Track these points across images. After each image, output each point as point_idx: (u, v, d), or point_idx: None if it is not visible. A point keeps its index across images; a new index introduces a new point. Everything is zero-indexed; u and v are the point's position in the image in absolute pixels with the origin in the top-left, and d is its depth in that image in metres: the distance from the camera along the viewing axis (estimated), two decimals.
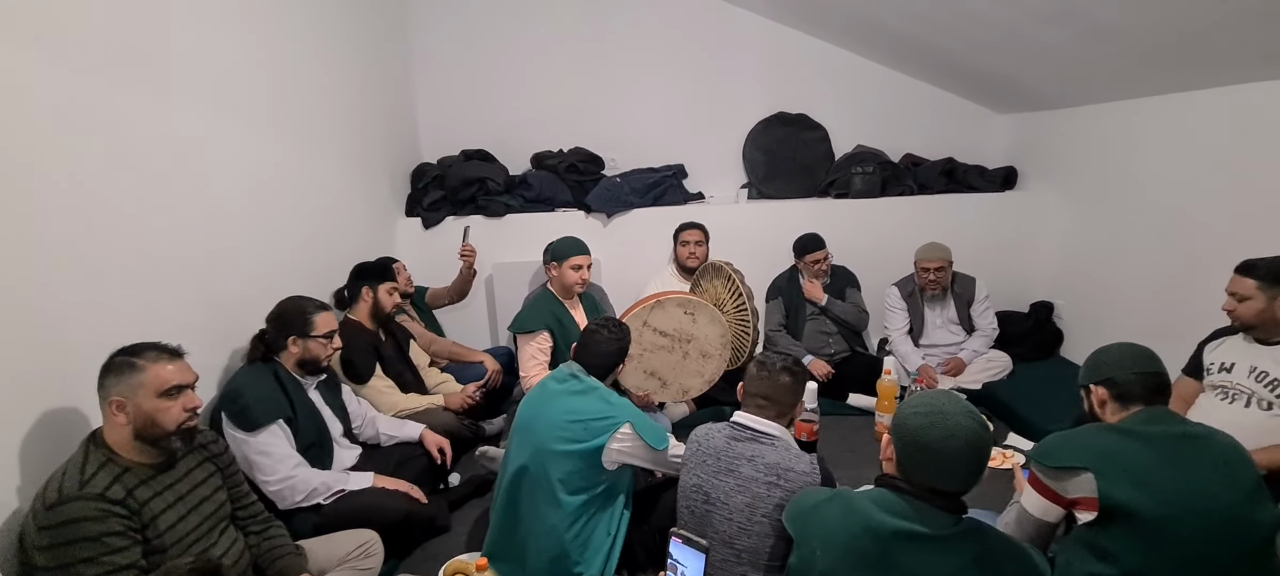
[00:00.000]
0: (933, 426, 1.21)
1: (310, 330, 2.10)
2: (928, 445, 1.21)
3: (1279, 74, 2.25)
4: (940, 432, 1.20)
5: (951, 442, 1.19)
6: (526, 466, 1.83)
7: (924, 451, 1.21)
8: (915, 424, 1.23)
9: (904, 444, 1.25)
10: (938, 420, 1.21)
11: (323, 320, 2.13)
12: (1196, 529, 1.30)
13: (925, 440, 1.21)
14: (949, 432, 1.19)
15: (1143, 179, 2.94)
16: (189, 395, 1.47)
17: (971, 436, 1.20)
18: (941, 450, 1.20)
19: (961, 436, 1.19)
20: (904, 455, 1.25)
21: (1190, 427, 1.41)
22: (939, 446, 1.20)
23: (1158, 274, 2.86)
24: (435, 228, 3.69)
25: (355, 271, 2.69)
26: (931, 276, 3.21)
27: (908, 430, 1.24)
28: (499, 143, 3.91)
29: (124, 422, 1.39)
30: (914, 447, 1.23)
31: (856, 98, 3.98)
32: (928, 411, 1.23)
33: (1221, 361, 2.07)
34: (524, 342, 2.61)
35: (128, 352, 1.43)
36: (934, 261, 3.20)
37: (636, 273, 3.51)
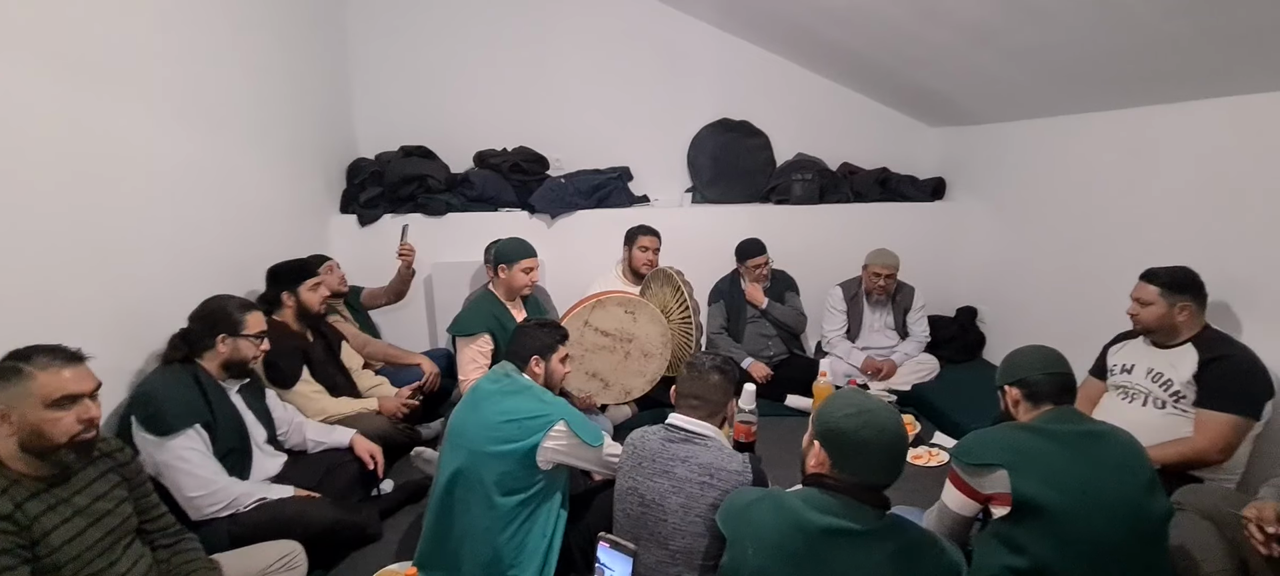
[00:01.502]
0: (865, 426, 1.26)
1: (242, 328, 2.01)
2: (863, 442, 1.26)
3: (1171, 98, 2.44)
4: (872, 431, 1.26)
5: (883, 437, 1.26)
6: (460, 470, 1.78)
7: (859, 449, 1.26)
8: (848, 425, 1.28)
9: (836, 444, 1.29)
10: (869, 419, 1.27)
11: (254, 319, 2.06)
12: (1098, 520, 1.38)
13: (859, 438, 1.26)
14: (880, 429, 1.26)
15: (1056, 192, 3.13)
16: (85, 405, 1.35)
17: (899, 431, 1.28)
18: (874, 446, 1.25)
19: (891, 432, 1.26)
20: (836, 454, 1.30)
21: (1093, 426, 1.50)
22: (872, 442, 1.25)
23: (1068, 281, 3.05)
24: (372, 225, 3.56)
25: (270, 275, 2.54)
26: (881, 282, 3.32)
27: (840, 431, 1.28)
28: (440, 140, 3.81)
29: (9, 433, 1.28)
30: (848, 446, 1.28)
31: (797, 107, 4.08)
32: (857, 411, 1.28)
33: (1123, 363, 2.22)
34: (463, 345, 2.55)
35: (17, 356, 1.31)
36: (885, 268, 3.31)
37: (581, 274, 3.49)
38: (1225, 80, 2.18)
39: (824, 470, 1.33)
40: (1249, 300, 2.18)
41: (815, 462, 1.35)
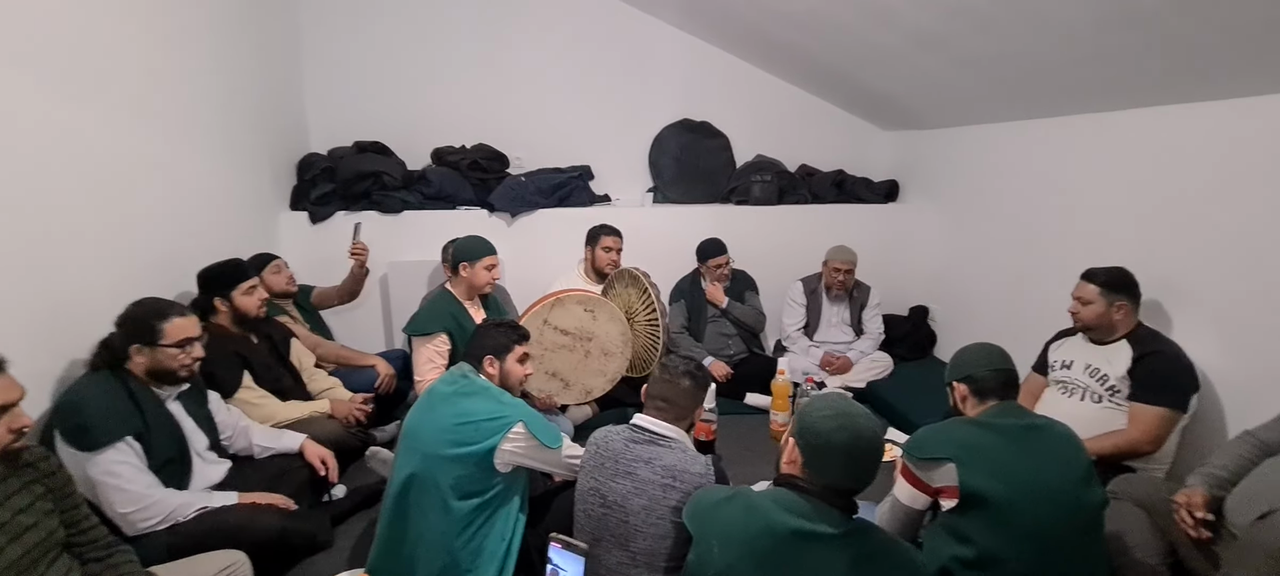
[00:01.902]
0: (842, 429, 1.27)
1: (159, 338, 1.83)
2: (839, 447, 1.26)
3: (1105, 107, 2.56)
4: (847, 435, 1.26)
5: (857, 444, 1.26)
6: (414, 475, 1.74)
7: (835, 453, 1.27)
8: (826, 427, 1.28)
9: (813, 446, 1.29)
10: (846, 422, 1.27)
11: (175, 327, 1.86)
12: (1040, 510, 1.44)
13: (837, 442, 1.26)
14: (856, 435, 1.27)
15: (1001, 195, 3.26)
16: (15, 414, 1.28)
17: (874, 440, 1.29)
18: (850, 451, 1.26)
19: (866, 439, 1.27)
20: (812, 456, 1.30)
21: (1034, 420, 1.56)
22: (849, 447, 1.26)
23: (1013, 280, 3.18)
24: (324, 223, 3.46)
25: (199, 279, 2.39)
26: (840, 277, 3.40)
27: (818, 432, 1.28)
28: (396, 136, 3.73)
29: None
30: (825, 449, 1.28)
31: (757, 109, 4.13)
32: (836, 414, 1.29)
33: (1063, 359, 2.32)
34: (419, 345, 2.49)
35: None
36: (845, 263, 3.39)
37: (541, 273, 3.45)
38: (1154, 91, 2.30)
39: (795, 470, 1.34)
40: (1178, 299, 2.30)
41: (788, 461, 1.36)
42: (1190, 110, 2.24)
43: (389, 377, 2.86)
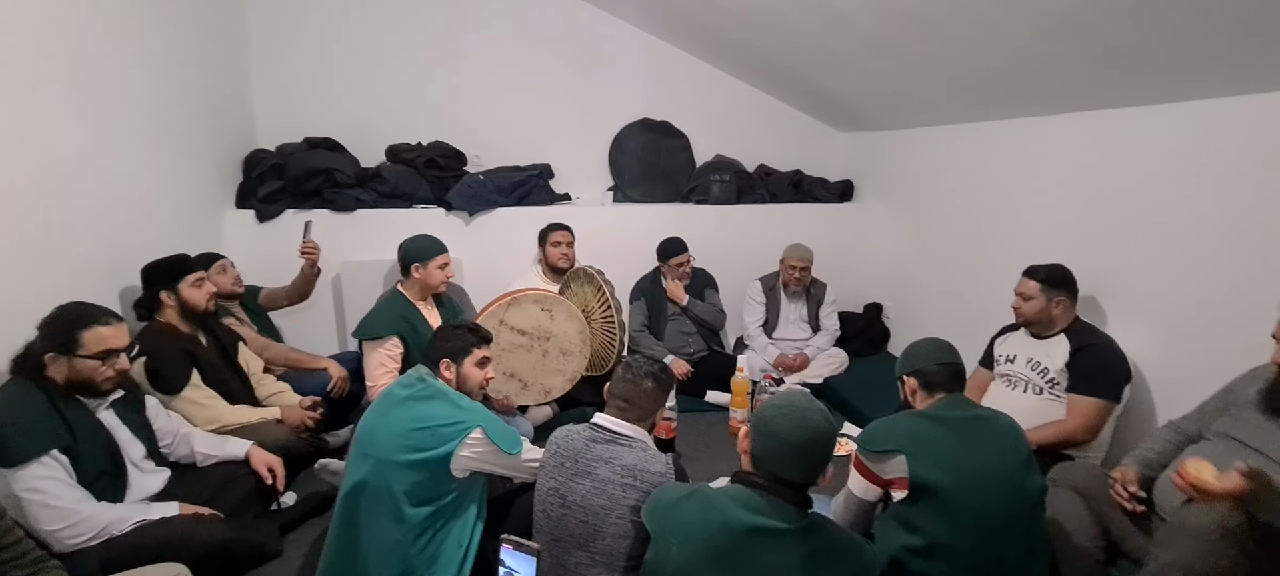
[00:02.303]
0: (783, 416, 1.31)
1: (76, 347, 1.71)
2: (776, 433, 1.30)
3: (1051, 110, 2.66)
4: (788, 422, 1.30)
5: (798, 433, 1.29)
6: (366, 481, 1.70)
7: (773, 438, 1.30)
8: (770, 414, 1.32)
9: (761, 435, 1.33)
10: (790, 411, 1.31)
11: (96, 336, 1.73)
12: (984, 498, 1.49)
13: (774, 428, 1.30)
14: (798, 424, 1.29)
15: (950, 195, 3.36)
16: None
17: (818, 432, 1.31)
18: (788, 439, 1.29)
19: (809, 428, 1.29)
20: (758, 445, 1.34)
21: (979, 411, 1.62)
22: (786, 434, 1.29)
23: (961, 277, 3.29)
24: (273, 221, 3.34)
25: (143, 275, 2.30)
26: (796, 274, 3.46)
27: (764, 420, 1.33)
28: (349, 132, 3.63)
29: None
30: (766, 435, 1.31)
31: (717, 109, 4.17)
32: (783, 404, 1.33)
33: (1007, 354, 2.41)
34: (370, 349, 2.42)
35: None
36: (800, 260, 3.46)
37: (501, 273, 3.42)
38: (1088, 96, 2.41)
39: (747, 460, 1.37)
40: (1112, 294, 2.42)
41: (743, 449, 1.39)
42: (1122, 115, 2.36)
43: (342, 380, 2.79)
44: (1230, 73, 1.89)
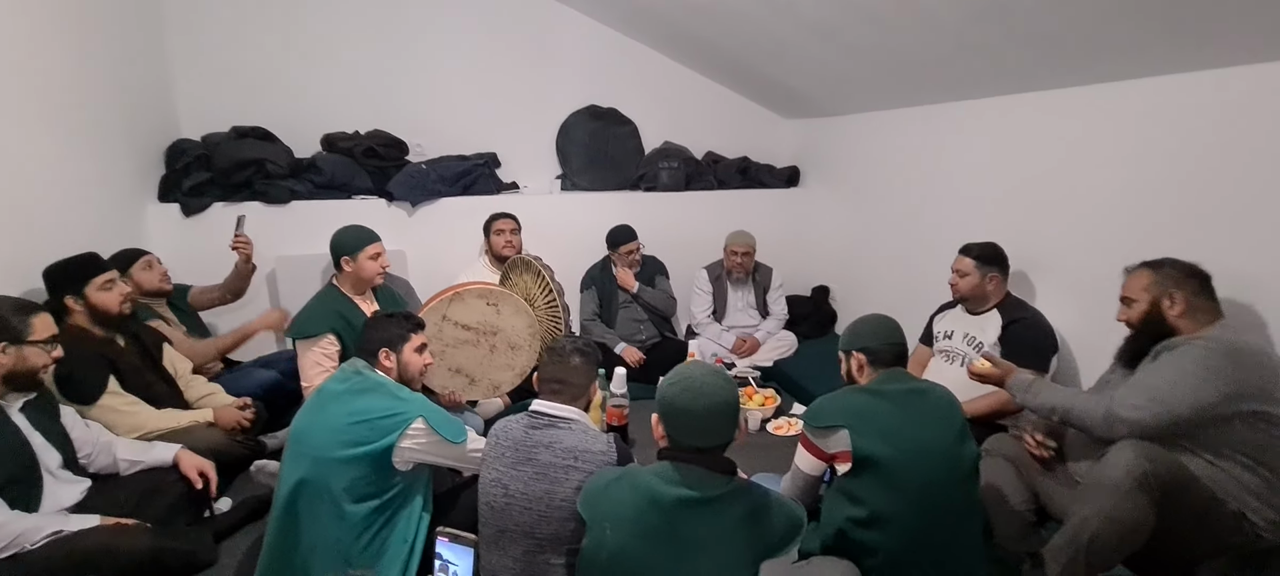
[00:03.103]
0: (684, 392, 1.34)
1: (27, 334, 1.72)
2: (684, 408, 1.33)
3: (979, 94, 2.76)
4: (690, 395, 1.34)
5: (700, 401, 1.33)
6: (304, 480, 1.63)
7: (683, 414, 1.34)
8: (671, 393, 1.37)
9: (667, 414, 1.37)
10: (689, 385, 1.35)
11: (42, 322, 1.79)
12: (923, 468, 1.54)
13: (680, 405, 1.34)
14: (697, 393, 1.34)
15: (890, 179, 3.46)
16: None
17: (718, 393, 1.35)
18: (694, 410, 1.32)
19: (708, 394, 1.33)
20: (669, 424, 1.38)
21: (918, 384, 1.67)
22: (691, 406, 1.33)
23: (901, 258, 3.39)
24: (200, 215, 3.17)
25: (47, 279, 2.14)
26: (738, 259, 3.49)
27: (666, 400, 1.37)
28: (280, 121, 3.46)
29: None
30: (675, 414, 1.35)
31: (664, 96, 4.16)
32: (679, 380, 1.38)
33: (945, 330, 2.50)
34: (304, 349, 2.30)
35: None
36: (742, 246, 3.49)
37: (447, 265, 3.34)
38: (1018, 79, 2.51)
39: (665, 442, 1.40)
40: (1041, 270, 2.53)
41: (659, 436, 1.42)
42: (1048, 97, 2.46)
43: (282, 315, 2.68)
44: (1147, 55, 1.99)
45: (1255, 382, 1.53)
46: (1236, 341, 1.61)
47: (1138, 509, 1.47)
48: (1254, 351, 1.59)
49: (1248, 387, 1.53)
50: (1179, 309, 1.71)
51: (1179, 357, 1.61)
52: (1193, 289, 1.71)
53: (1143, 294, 1.78)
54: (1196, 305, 1.70)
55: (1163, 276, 1.76)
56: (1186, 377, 1.56)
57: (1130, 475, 1.47)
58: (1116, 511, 1.48)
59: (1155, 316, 1.75)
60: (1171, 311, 1.72)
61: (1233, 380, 1.53)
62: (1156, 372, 1.64)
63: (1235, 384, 1.53)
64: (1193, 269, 1.75)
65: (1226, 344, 1.59)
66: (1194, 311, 1.70)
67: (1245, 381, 1.53)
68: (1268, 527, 1.53)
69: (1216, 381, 1.53)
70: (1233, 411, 1.53)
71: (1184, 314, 1.71)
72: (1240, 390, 1.53)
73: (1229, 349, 1.58)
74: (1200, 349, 1.60)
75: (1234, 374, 1.53)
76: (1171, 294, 1.72)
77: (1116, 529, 1.48)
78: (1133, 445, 1.52)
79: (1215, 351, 1.57)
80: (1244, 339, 1.65)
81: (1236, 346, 1.58)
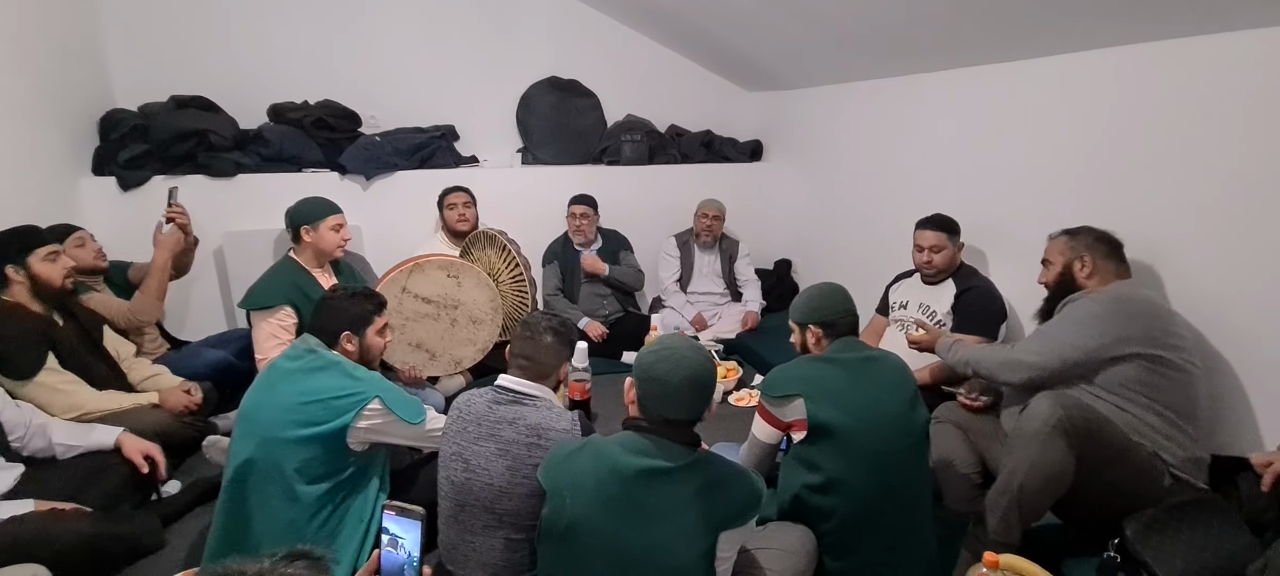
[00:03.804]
0: (663, 360, 1.33)
1: None
2: (661, 378, 1.32)
3: (944, 66, 2.78)
4: (669, 365, 1.32)
5: (678, 372, 1.31)
6: (253, 461, 1.59)
7: (659, 383, 1.32)
8: (648, 360, 1.35)
9: (641, 379, 1.35)
10: (667, 354, 1.34)
11: None
12: (876, 434, 1.58)
13: (657, 373, 1.32)
14: (676, 364, 1.32)
15: (849, 152, 3.50)
16: None
17: (697, 367, 1.33)
18: (671, 381, 1.31)
19: (687, 366, 1.32)
20: (642, 391, 1.36)
21: (870, 352, 1.70)
22: (669, 377, 1.31)
23: (862, 230, 3.44)
24: (138, 189, 3.02)
25: None
26: (708, 222, 3.53)
27: (644, 367, 1.35)
28: (223, 90, 3.30)
29: None
30: (651, 383, 1.33)
31: (626, 68, 4.10)
32: (660, 348, 1.36)
33: (901, 300, 2.55)
34: (260, 320, 2.24)
35: None
36: (712, 210, 3.53)
37: (403, 240, 3.26)
38: (974, 52, 2.54)
39: (634, 409, 1.39)
40: (992, 240, 2.59)
41: (629, 401, 1.41)
42: (1001, 69, 2.50)
43: (176, 239, 2.58)
44: (1100, 27, 2.02)
45: (1139, 328, 1.70)
46: (1124, 293, 1.79)
47: (1058, 453, 1.58)
48: (1140, 301, 1.77)
49: (1130, 332, 1.69)
50: (1088, 270, 1.88)
51: (1073, 309, 1.82)
52: (1102, 253, 1.88)
53: (1058, 257, 1.96)
54: (1104, 267, 1.87)
55: (1076, 242, 1.93)
56: (1076, 325, 1.77)
57: (1047, 422, 1.58)
58: (1040, 458, 1.59)
59: (1068, 277, 1.92)
60: (1082, 273, 1.89)
61: (1116, 326, 1.71)
62: (1054, 323, 1.86)
63: (1118, 330, 1.70)
64: (1104, 235, 1.91)
65: (1113, 295, 1.79)
66: (1102, 272, 1.87)
67: (1127, 327, 1.70)
68: (1181, 465, 1.66)
69: (1101, 327, 1.72)
70: (1121, 354, 1.69)
71: (1093, 274, 1.88)
72: (1124, 335, 1.69)
73: (1115, 299, 1.77)
74: (1090, 300, 1.80)
75: (1117, 321, 1.71)
76: (1083, 257, 1.89)
77: (1041, 475, 1.60)
78: (1048, 396, 1.64)
79: (1102, 301, 1.77)
80: (1138, 293, 1.81)
81: (1122, 297, 1.77)
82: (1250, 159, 1.79)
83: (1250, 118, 1.78)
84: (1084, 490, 1.62)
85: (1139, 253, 2.01)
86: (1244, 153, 1.80)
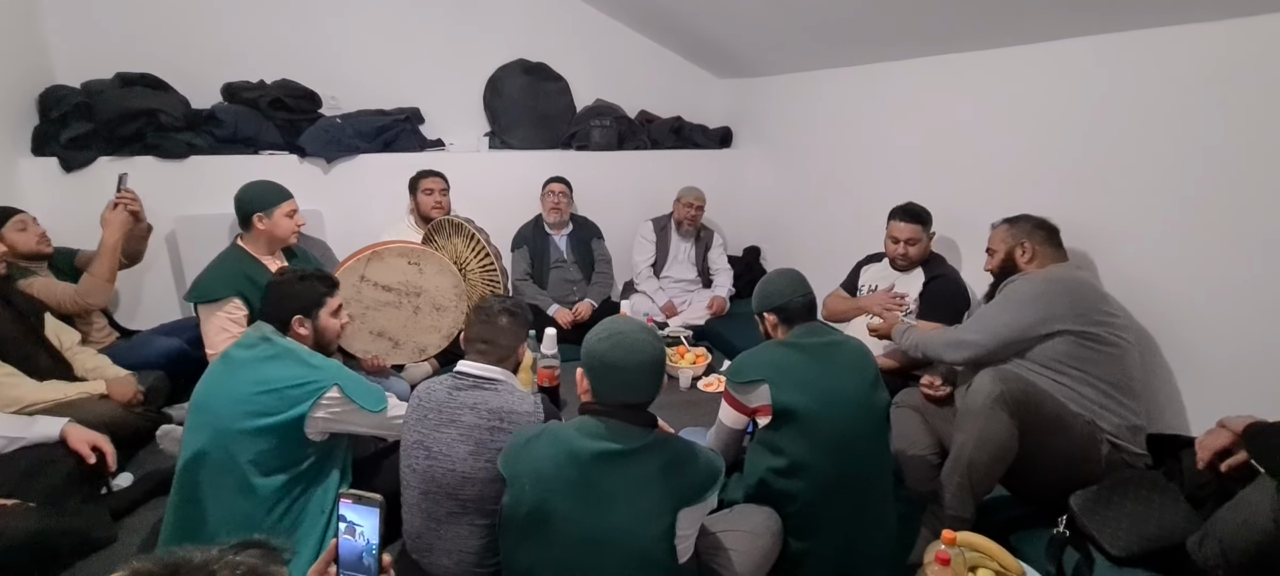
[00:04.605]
0: (615, 347, 1.32)
1: None
2: (614, 364, 1.31)
3: (912, 54, 2.81)
4: (621, 351, 1.32)
5: (632, 356, 1.31)
6: (205, 451, 1.54)
7: (612, 370, 1.32)
8: (602, 348, 1.33)
9: (594, 368, 1.34)
10: (619, 340, 1.33)
11: None
12: (838, 416, 1.60)
13: (610, 360, 1.31)
14: (629, 349, 1.32)
15: (817, 139, 3.52)
16: None
17: (648, 350, 1.33)
18: (624, 365, 1.31)
19: (639, 350, 1.32)
20: (594, 379, 1.35)
21: (833, 336, 1.73)
22: (622, 362, 1.31)
23: (829, 218, 3.48)
24: (83, 171, 2.89)
25: None
26: (691, 212, 3.54)
27: (596, 355, 1.34)
28: (173, 68, 3.17)
29: None
30: (602, 369, 1.33)
31: (595, 52, 4.06)
32: (610, 335, 1.34)
33: (870, 283, 2.59)
34: (208, 313, 2.14)
35: None
36: (696, 200, 3.54)
37: (368, 225, 3.18)
38: (942, 41, 2.57)
39: (589, 397, 1.38)
40: (958, 229, 2.63)
41: (582, 390, 1.40)
42: (969, 59, 2.53)
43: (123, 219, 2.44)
44: (1069, 17, 2.04)
45: (1067, 307, 1.78)
46: (1056, 275, 1.88)
47: (1001, 425, 1.66)
48: (1070, 282, 1.85)
49: (1058, 311, 1.79)
50: (1029, 255, 1.97)
51: (1009, 291, 1.93)
52: (1040, 239, 1.97)
53: (1001, 245, 2.04)
54: (1042, 252, 1.96)
55: (1017, 229, 2.01)
56: (1010, 306, 1.88)
57: (989, 397, 1.67)
58: (985, 432, 1.67)
59: (1011, 263, 2.01)
60: (1022, 259, 1.98)
61: (1045, 306, 1.80)
62: (992, 305, 1.97)
63: (1047, 309, 1.80)
64: (1042, 222, 2.00)
65: (1044, 277, 1.88)
66: (1041, 257, 1.96)
67: (1056, 307, 1.79)
68: (1117, 432, 1.74)
69: (1032, 307, 1.82)
70: (1052, 331, 1.79)
71: (1032, 260, 1.97)
72: (1053, 313, 1.79)
73: (1045, 280, 1.86)
74: (1023, 281, 1.91)
75: (1047, 301, 1.81)
76: (1023, 243, 1.98)
77: (988, 448, 1.67)
78: (988, 372, 1.72)
79: (1034, 282, 1.88)
80: (1069, 274, 1.90)
81: (1053, 278, 1.87)
82: (1189, 152, 1.85)
83: (1189, 112, 1.84)
84: (1029, 459, 1.69)
85: (1084, 239, 2.09)
86: (1183, 145, 1.86)
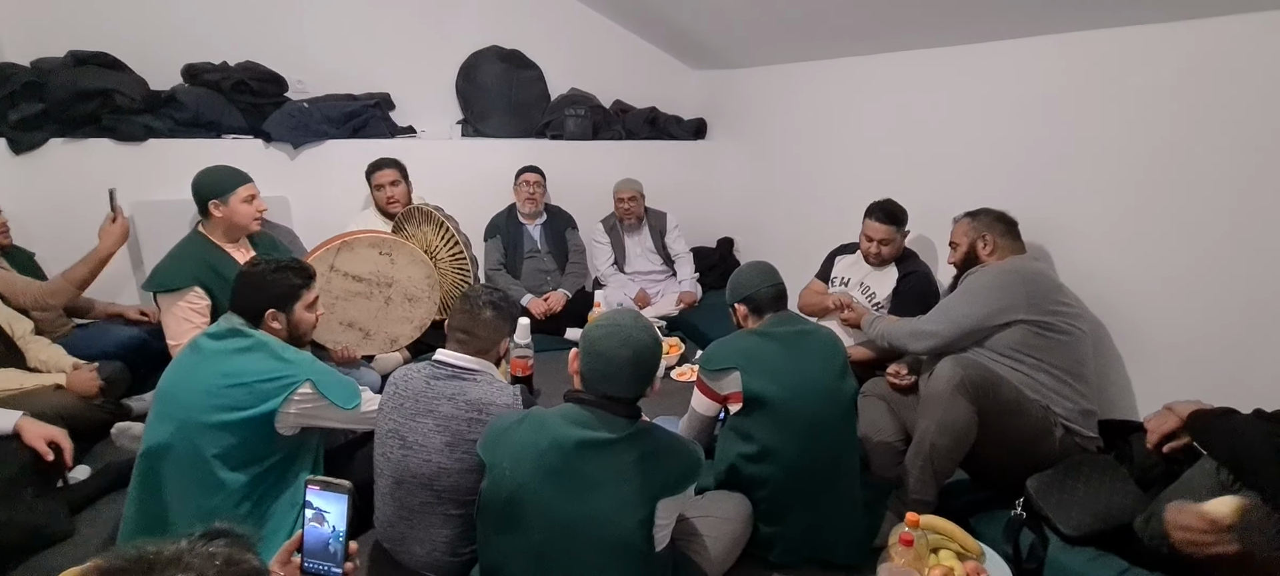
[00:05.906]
0: (610, 336, 1.33)
1: None
2: (603, 353, 1.32)
3: (886, 48, 2.84)
4: (615, 342, 1.32)
5: (624, 349, 1.32)
6: (170, 444, 1.51)
7: (604, 359, 1.32)
8: (597, 334, 1.35)
9: (586, 351, 1.35)
10: (614, 331, 1.33)
11: None
12: (807, 404, 1.65)
13: (603, 348, 1.32)
14: (623, 341, 1.32)
15: (791, 132, 3.56)
16: None
17: (643, 346, 1.34)
18: (614, 357, 1.31)
19: (634, 344, 1.32)
20: (585, 365, 1.36)
21: (805, 326, 1.77)
22: (614, 354, 1.31)
23: (802, 210, 3.53)
24: (33, 152, 2.77)
25: None
26: (625, 205, 3.51)
27: (591, 340, 1.35)
28: (129, 48, 3.05)
29: None
30: (596, 356, 1.33)
31: (570, 40, 4.03)
32: (608, 324, 1.36)
33: (843, 276, 2.63)
34: (168, 304, 2.07)
35: None
36: (626, 192, 3.50)
37: (335, 213, 3.12)
38: (917, 35, 2.60)
39: (578, 383, 1.39)
40: (930, 224, 2.68)
41: (573, 370, 1.41)
42: (944, 54, 2.56)
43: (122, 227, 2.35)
44: (1044, 14, 2.08)
45: (1022, 297, 1.85)
46: (1013, 266, 1.95)
47: (962, 410, 1.71)
48: (1026, 273, 1.92)
49: (1014, 301, 1.85)
50: (990, 248, 2.03)
51: (969, 282, 1.99)
52: (1000, 231, 2.03)
53: (964, 238, 2.09)
54: (1002, 244, 2.03)
55: (978, 222, 2.07)
56: (969, 297, 1.94)
57: (950, 383, 1.72)
58: (945, 417, 1.72)
59: (972, 255, 2.07)
60: (984, 251, 2.04)
61: (1002, 296, 1.87)
62: (953, 296, 2.04)
63: (1004, 299, 1.86)
64: (1001, 215, 2.06)
65: (1001, 268, 1.95)
66: (1001, 249, 2.03)
67: (1011, 297, 1.86)
68: (1071, 417, 1.81)
69: (989, 297, 1.89)
70: (1010, 320, 1.85)
71: (993, 252, 2.03)
72: (1008, 303, 1.85)
73: (1002, 271, 1.93)
74: (982, 273, 1.97)
75: (1003, 292, 1.87)
76: (984, 236, 2.04)
77: (949, 433, 1.73)
78: (949, 360, 1.78)
79: (992, 273, 1.94)
80: (1026, 265, 1.97)
81: (1009, 269, 1.93)
82: (1142, 149, 1.92)
83: (1143, 110, 1.91)
84: (988, 442, 1.76)
85: (1042, 232, 2.16)
86: (1137, 143, 1.94)
